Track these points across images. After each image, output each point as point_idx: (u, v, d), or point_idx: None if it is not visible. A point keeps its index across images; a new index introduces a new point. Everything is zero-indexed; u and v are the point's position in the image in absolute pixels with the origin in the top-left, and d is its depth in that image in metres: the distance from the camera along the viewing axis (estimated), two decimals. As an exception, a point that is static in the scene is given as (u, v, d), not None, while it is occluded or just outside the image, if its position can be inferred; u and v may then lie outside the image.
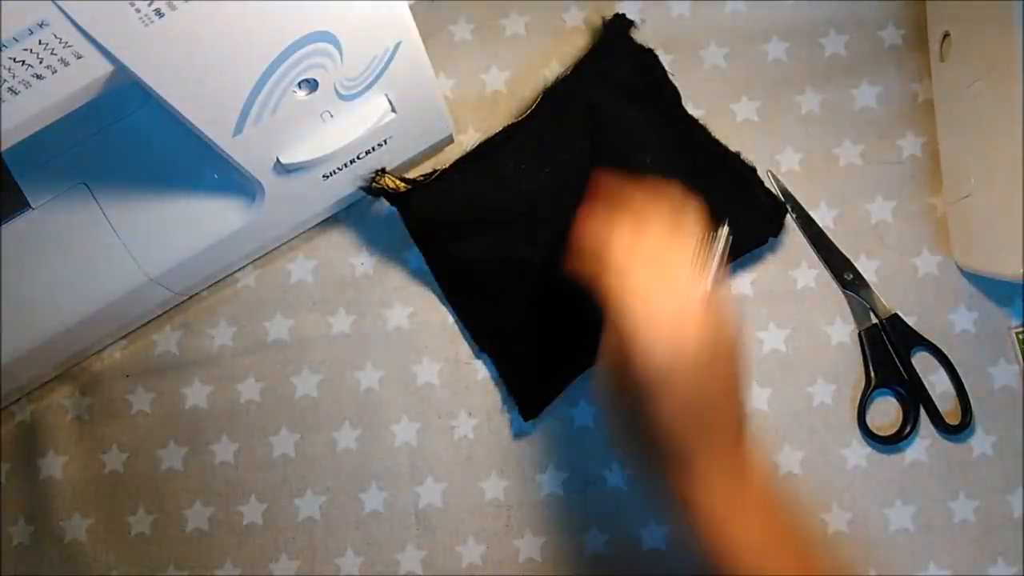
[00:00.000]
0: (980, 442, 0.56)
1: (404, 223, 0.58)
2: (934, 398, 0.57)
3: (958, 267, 0.58)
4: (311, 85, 0.46)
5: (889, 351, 0.57)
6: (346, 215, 0.61)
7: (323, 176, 0.54)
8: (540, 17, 0.62)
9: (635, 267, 0.44)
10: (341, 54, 0.45)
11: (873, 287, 0.58)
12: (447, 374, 0.59)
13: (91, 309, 0.54)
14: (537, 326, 0.57)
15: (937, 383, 0.57)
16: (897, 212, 0.59)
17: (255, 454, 0.59)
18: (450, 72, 0.62)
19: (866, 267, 0.59)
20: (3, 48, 0.34)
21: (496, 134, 0.58)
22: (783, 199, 0.59)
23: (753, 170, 0.58)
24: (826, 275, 0.59)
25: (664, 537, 0.57)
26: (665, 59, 0.61)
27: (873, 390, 0.57)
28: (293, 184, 0.53)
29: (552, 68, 0.61)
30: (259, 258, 0.61)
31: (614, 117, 0.57)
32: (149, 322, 0.60)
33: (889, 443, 0.56)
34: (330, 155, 0.51)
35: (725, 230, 0.48)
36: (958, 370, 0.57)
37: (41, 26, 0.34)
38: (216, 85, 0.42)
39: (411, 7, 0.47)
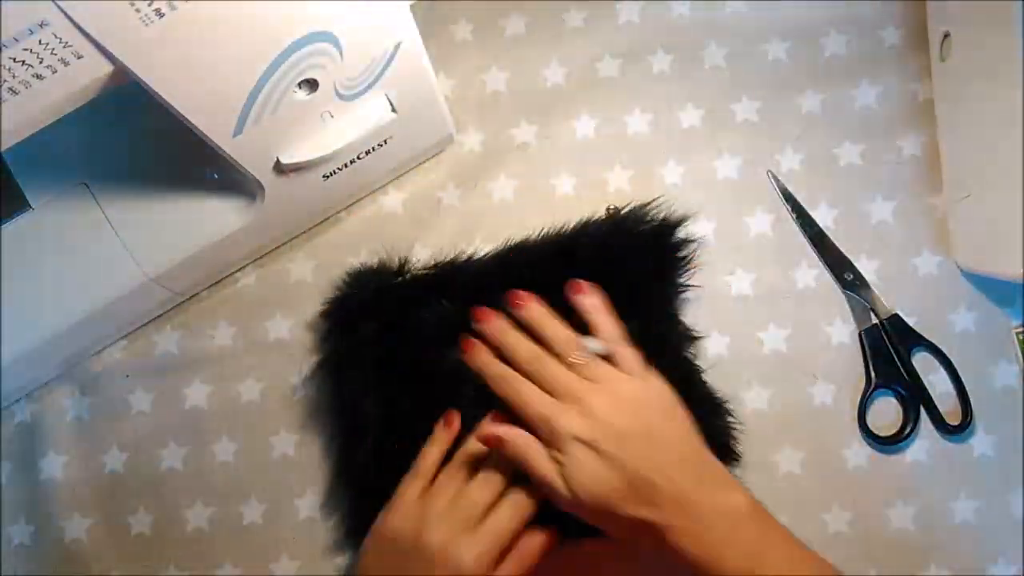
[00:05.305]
0: (980, 442, 0.56)
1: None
2: (934, 398, 0.57)
3: (958, 267, 0.58)
4: (311, 85, 0.46)
5: (889, 351, 0.57)
6: (346, 215, 0.61)
7: (323, 176, 0.54)
8: (540, 17, 0.62)
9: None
10: (341, 54, 0.45)
11: (873, 287, 0.58)
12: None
13: (91, 309, 0.54)
14: None
15: (937, 383, 0.57)
16: (897, 212, 0.59)
17: (255, 454, 0.59)
18: (450, 72, 0.62)
19: (866, 267, 0.58)
20: (3, 48, 0.34)
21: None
22: (784, 199, 0.59)
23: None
24: (826, 275, 0.59)
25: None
26: (665, 59, 0.61)
27: (873, 390, 0.57)
28: (293, 184, 0.53)
29: (552, 68, 0.61)
30: (259, 258, 0.61)
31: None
32: (149, 322, 0.60)
33: (889, 443, 0.56)
34: (330, 155, 0.51)
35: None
36: (958, 370, 0.57)
37: (41, 26, 0.34)
38: (216, 85, 0.42)
39: (411, 7, 0.47)
